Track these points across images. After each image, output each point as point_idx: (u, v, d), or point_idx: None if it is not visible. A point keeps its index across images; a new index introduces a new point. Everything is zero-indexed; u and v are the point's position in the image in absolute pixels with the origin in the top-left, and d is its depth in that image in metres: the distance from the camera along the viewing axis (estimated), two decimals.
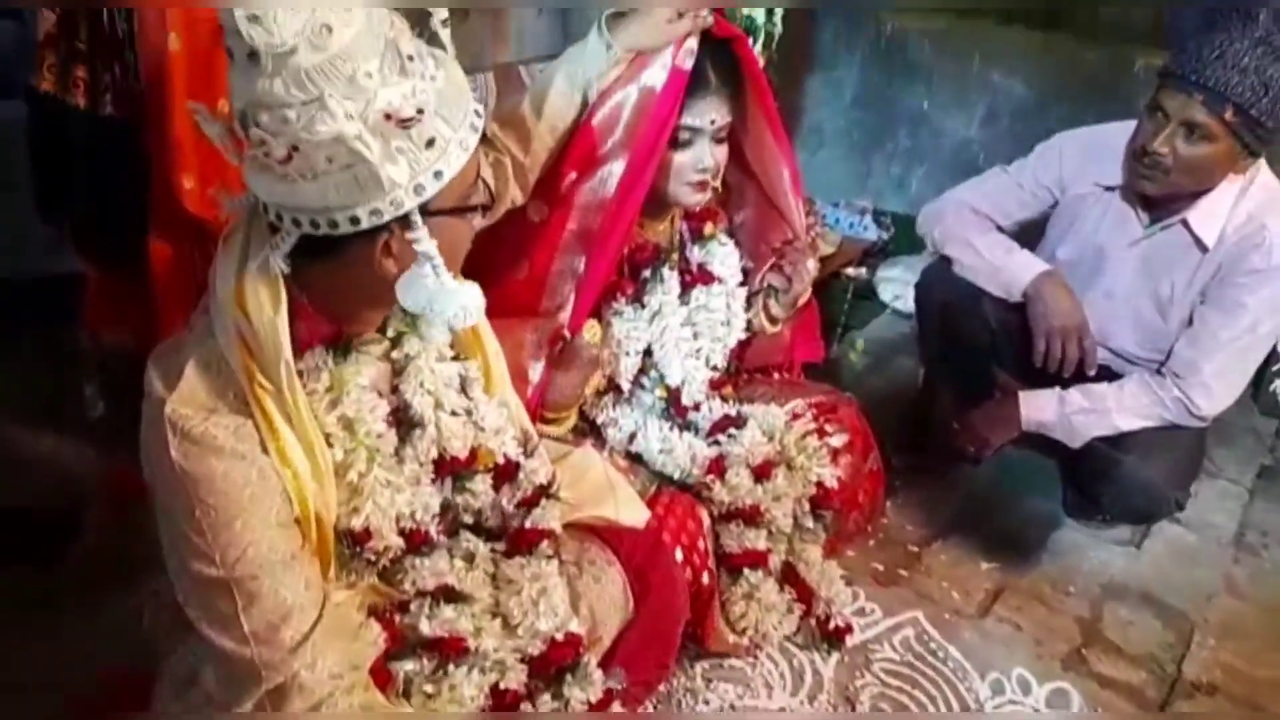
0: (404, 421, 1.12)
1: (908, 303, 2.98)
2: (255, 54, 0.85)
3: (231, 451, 0.96)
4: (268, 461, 0.98)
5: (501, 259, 1.50)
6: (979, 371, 1.94)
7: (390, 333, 1.12)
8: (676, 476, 1.61)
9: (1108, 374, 1.86)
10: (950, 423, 1.96)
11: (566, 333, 1.50)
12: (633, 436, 1.64)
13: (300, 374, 1.00)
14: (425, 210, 0.94)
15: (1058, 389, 1.81)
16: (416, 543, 1.13)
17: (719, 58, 1.48)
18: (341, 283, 0.99)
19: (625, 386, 1.64)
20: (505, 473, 1.22)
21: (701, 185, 1.52)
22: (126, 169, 1.59)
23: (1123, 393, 1.78)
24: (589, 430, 1.66)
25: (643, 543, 1.38)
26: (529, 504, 1.24)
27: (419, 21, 0.98)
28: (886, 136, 3.44)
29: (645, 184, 1.47)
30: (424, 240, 0.94)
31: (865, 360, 2.79)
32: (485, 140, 1.42)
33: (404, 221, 0.94)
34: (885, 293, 3.09)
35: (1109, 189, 1.86)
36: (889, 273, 3.14)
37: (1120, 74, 2.96)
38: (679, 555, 1.50)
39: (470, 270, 1.27)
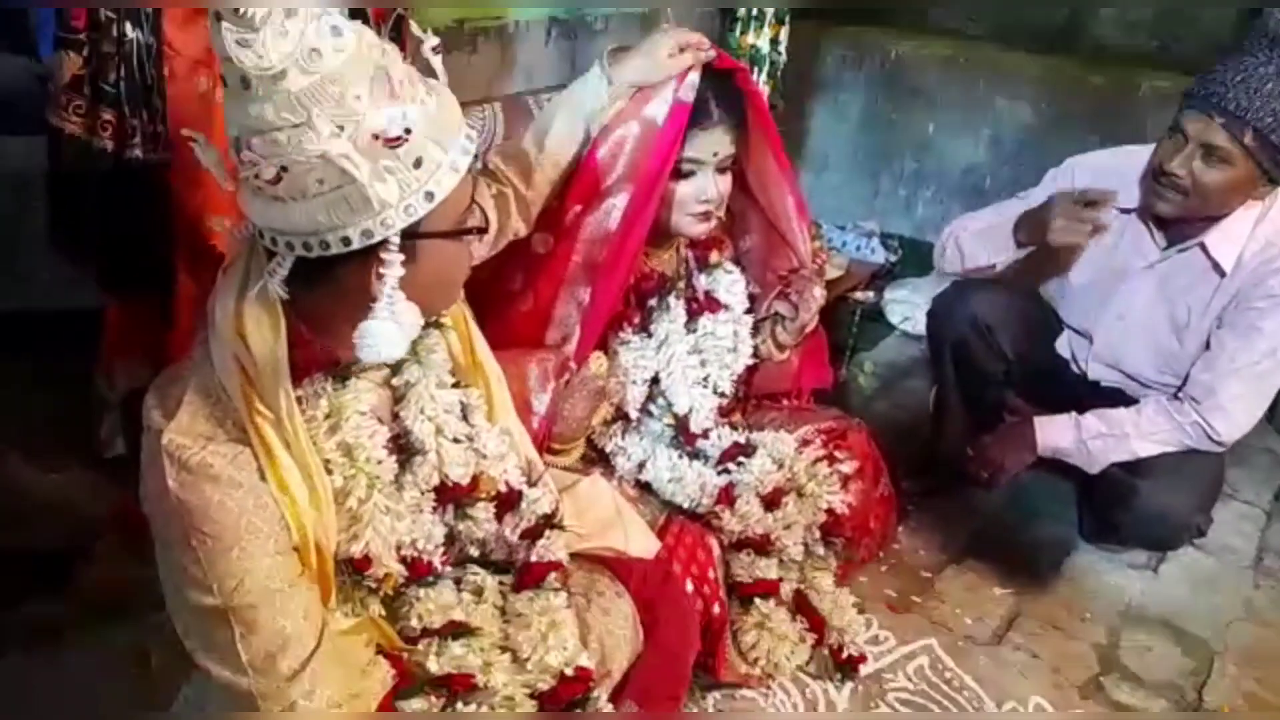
0: (405, 448, 1.12)
1: (916, 325, 2.99)
2: (246, 79, 0.85)
3: (229, 480, 0.95)
4: (265, 489, 0.97)
5: (506, 292, 1.50)
6: (991, 398, 1.92)
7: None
8: (686, 505, 1.60)
9: (1123, 398, 1.84)
10: (963, 448, 1.94)
11: (573, 365, 1.50)
12: (642, 465, 1.63)
13: (299, 401, 1.00)
14: (420, 233, 0.94)
15: (1074, 414, 1.80)
16: (419, 573, 1.12)
17: (721, 89, 1.48)
18: (338, 309, 0.98)
19: (633, 415, 1.63)
20: (507, 501, 1.21)
21: (705, 216, 1.52)
22: (153, 209, 1.61)
23: (1140, 418, 1.76)
24: (597, 459, 1.65)
25: (653, 574, 1.36)
26: (532, 534, 1.22)
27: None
28: (892, 160, 3.46)
29: (649, 216, 1.47)
30: (394, 265, 0.92)
31: (874, 383, 2.77)
32: (488, 172, 1.44)
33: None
34: (893, 315, 3.08)
35: (1125, 211, 1.85)
36: (897, 295, 3.14)
37: (1126, 97, 2.97)
38: (689, 586, 1.48)
39: (475, 303, 1.28)
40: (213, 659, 0.99)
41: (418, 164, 0.90)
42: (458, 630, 1.15)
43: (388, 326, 0.92)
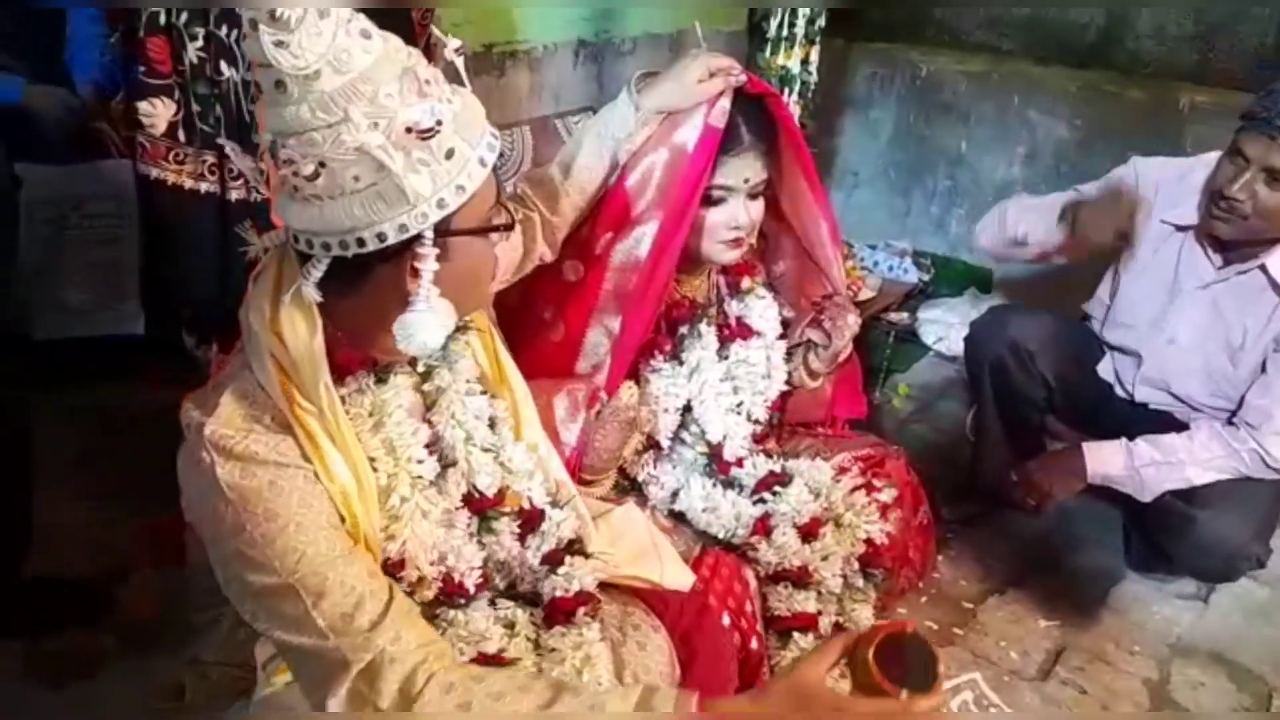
0: (436, 454, 1.12)
1: (950, 345, 2.95)
2: (282, 83, 0.89)
3: (275, 462, 0.97)
4: (312, 470, 0.99)
5: (537, 320, 1.48)
6: (1032, 424, 1.87)
7: (420, 367, 1.13)
8: (721, 536, 1.56)
9: (1174, 422, 1.78)
10: (1005, 474, 1.89)
11: (603, 394, 1.47)
12: (675, 494, 1.59)
13: (342, 399, 1.02)
14: (449, 230, 0.96)
15: (1124, 440, 1.74)
16: (451, 591, 1.11)
17: (752, 114, 1.45)
18: (373, 310, 1.00)
19: (665, 444, 1.60)
20: (530, 520, 1.20)
21: (736, 243, 1.49)
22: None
23: (1194, 444, 1.70)
24: (630, 488, 1.62)
25: (689, 607, 1.33)
26: (554, 560, 1.20)
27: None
28: (924, 177, 3.41)
29: (679, 243, 1.45)
30: (430, 259, 0.94)
31: (909, 405, 2.73)
32: (515, 198, 1.43)
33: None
34: (927, 335, 3.04)
35: (1180, 229, 1.80)
36: (930, 314, 3.09)
37: (1165, 111, 2.91)
38: (726, 619, 1.44)
39: (506, 331, 1.26)
40: (290, 632, 0.97)
41: (449, 155, 0.93)
42: (489, 660, 1.12)
43: (427, 317, 0.94)
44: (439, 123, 0.92)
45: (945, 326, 2.99)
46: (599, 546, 1.26)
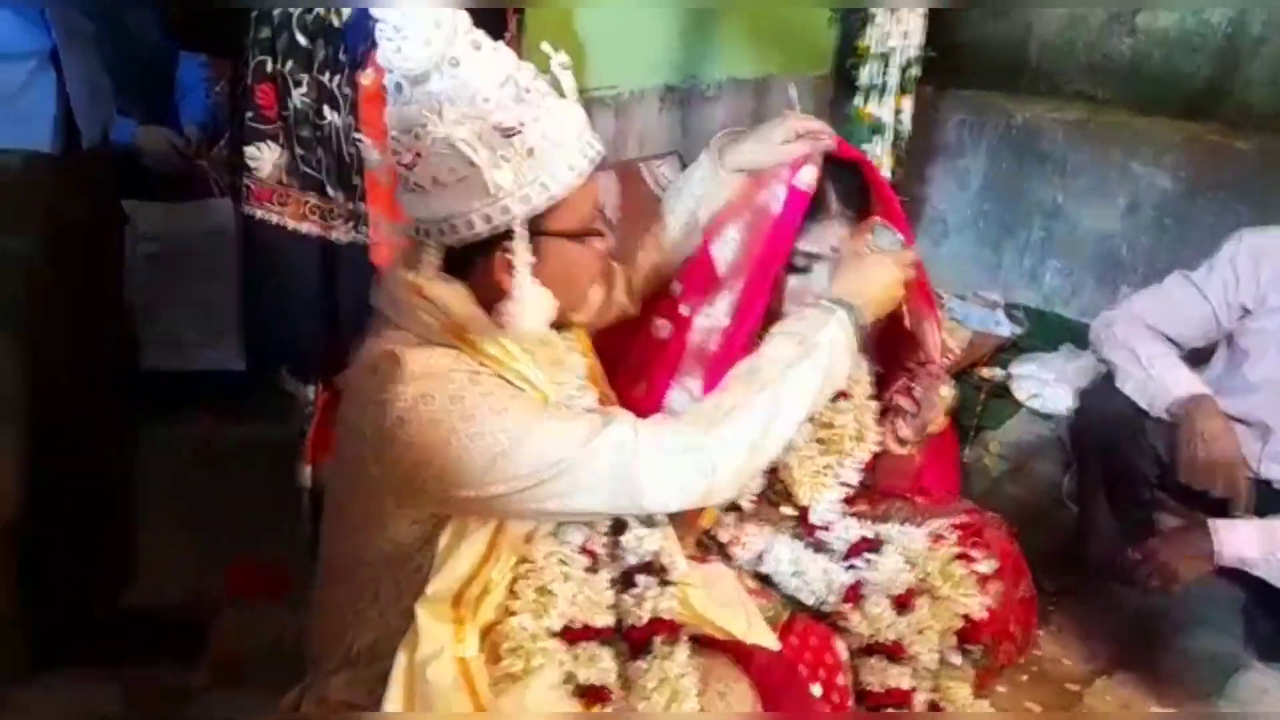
0: None
1: (1045, 402, 2.83)
2: (400, 85, 1.03)
3: (477, 372, 1.05)
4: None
5: (624, 375, 1.46)
6: (1143, 500, 1.78)
7: None
8: (811, 603, 1.49)
9: None
10: (1118, 548, 1.79)
11: None
12: (761, 556, 1.53)
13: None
14: (541, 230, 1.05)
15: (1258, 520, 1.63)
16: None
17: (842, 180, 1.42)
18: (482, 300, 1.08)
19: (747, 506, 1.55)
20: (615, 525, 1.20)
21: None
22: (357, 288, 1.64)
23: None
24: (715, 548, 1.56)
25: (775, 668, 1.29)
26: (627, 579, 1.18)
27: None
28: (1017, 227, 3.32)
29: (760, 308, 1.41)
30: (521, 251, 1.03)
31: (1001, 465, 2.61)
32: None
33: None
34: (1020, 391, 2.91)
35: None
36: (1023, 369, 2.97)
37: (1275, 164, 2.77)
38: (818, 690, 1.37)
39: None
40: (615, 462, 1.06)
41: (530, 154, 1.01)
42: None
43: (524, 306, 1.04)
44: (522, 123, 1.01)
45: (1039, 383, 2.88)
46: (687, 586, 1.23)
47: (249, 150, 1.57)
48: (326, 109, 1.58)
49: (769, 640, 1.29)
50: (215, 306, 2.27)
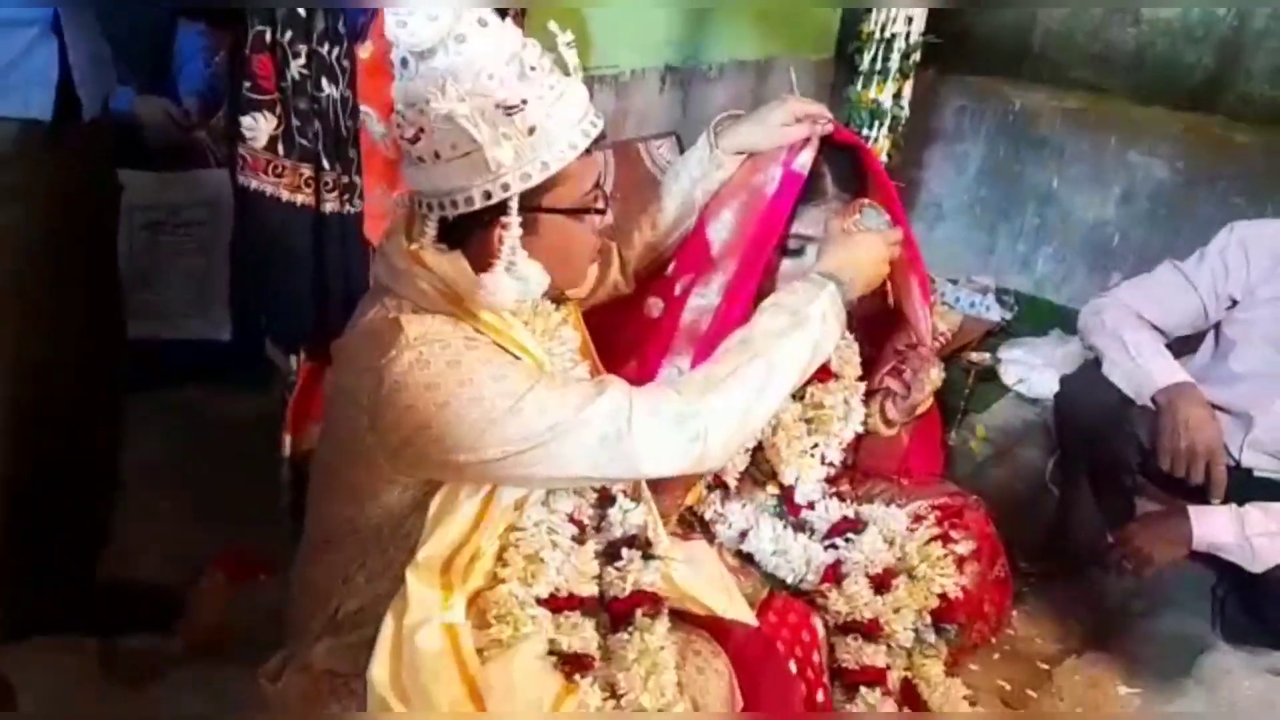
0: None
1: (1032, 387, 2.86)
2: (405, 60, 1.05)
3: (474, 339, 1.07)
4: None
5: (616, 352, 1.47)
6: (1124, 486, 1.80)
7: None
8: (790, 581, 1.52)
9: (1276, 489, 1.69)
10: (1093, 534, 1.82)
11: None
12: (744, 534, 1.56)
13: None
14: (541, 207, 1.07)
15: (1233, 506, 1.66)
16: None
17: (838, 164, 1.43)
18: (477, 271, 1.09)
19: (732, 484, 1.58)
20: (601, 499, 1.23)
21: None
22: (347, 262, 1.66)
23: None
24: (696, 525, 1.59)
25: (752, 644, 1.32)
26: (612, 553, 1.21)
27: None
28: (1012, 213, 3.33)
29: (752, 288, 1.43)
30: (513, 228, 1.05)
31: (986, 449, 2.63)
32: None
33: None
34: (1008, 376, 2.94)
35: None
36: (1012, 354, 3.00)
37: (1274, 158, 2.78)
38: (793, 666, 1.41)
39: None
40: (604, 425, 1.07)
41: (531, 131, 1.03)
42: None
43: (504, 279, 1.05)
44: (524, 101, 1.02)
45: (1027, 368, 2.90)
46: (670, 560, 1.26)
47: (245, 120, 1.57)
48: (324, 81, 1.58)
49: (747, 616, 1.32)
50: (206, 277, 2.28)
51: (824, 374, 1.59)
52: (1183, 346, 1.95)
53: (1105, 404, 1.83)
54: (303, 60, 1.57)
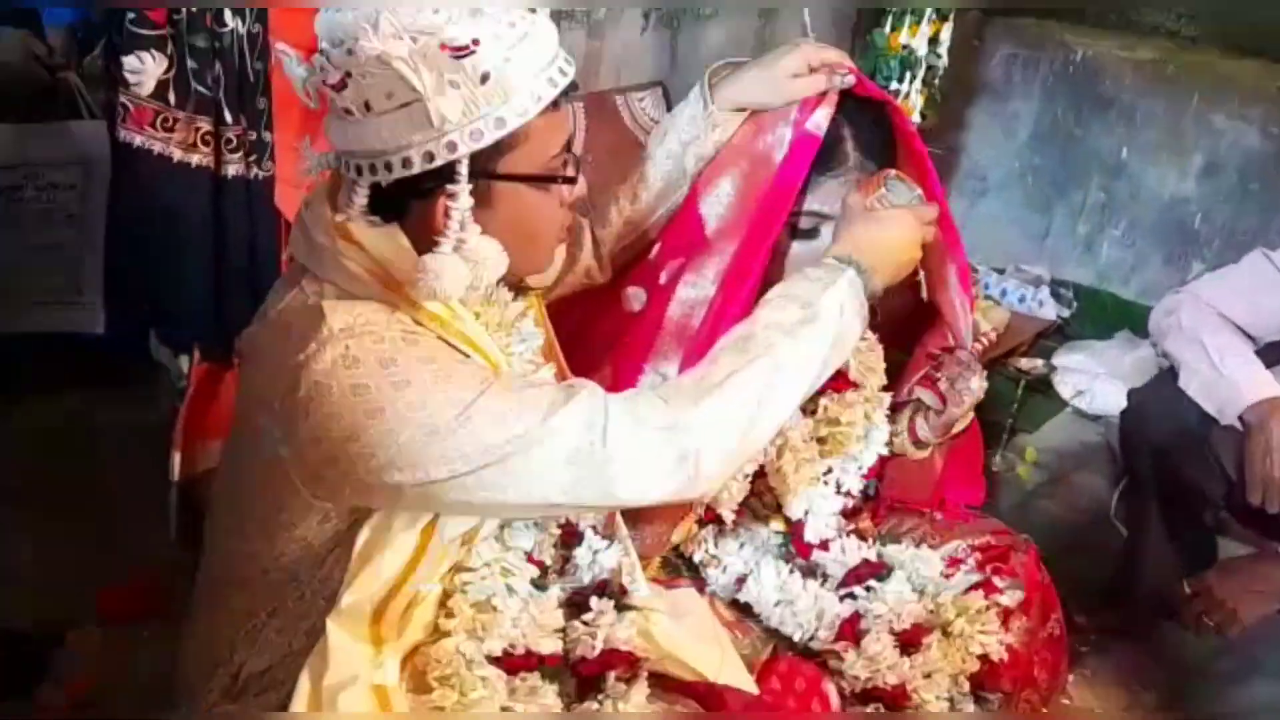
0: None
1: (1093, 400, 2.92)
2: None
3: (419, 341, 1.06)
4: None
5: (585, 355, 1.48)
6: (1205, 523, 1.83)
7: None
8: (797, 638, 1.53)
9: None
10: (1173, 580, 1.86)
11: None
12: (741, 581, 1.58)
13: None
14: (495, 174, 1.05)
15: None
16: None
17: (862, 125, 1.44)
18: (419, 250, 1.07)
19: (728, 519, 1.58)
20: (566, 536, 1.24)
21: None
22: (255, 238, 1.66)
23: None
24: (684, 569, 1.61)
25: (751, 713, 1.33)
26: (580, 600, 1.22)
27: None
28: (1072, 187, 3.38)
29: (756, 277, 1.43)
30: (461, 199, 1.03)
31: (1037, 476, 2.70)
32: None
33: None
34: (1064, 387, 3.00)
35: None
36: (1069, 361, 3.06)
37: None
38: None
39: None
40: (566, 424, 1.06)
41: (484, 79, 1.00)
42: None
43: (450, 261, 1.02)
44: (475, 41, 0.99)
45: (1088, 377, 2.96)
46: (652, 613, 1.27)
47: (128, 61, 1.56)
48: (228, 13, 1.58)
49: (745, 682, 1.32)
50: (76, 255, 2.26)
51: (840, 382, 1.61)
52: (1276, 355, 1.98)
53: (1182, 423, 1.86)
54: None
